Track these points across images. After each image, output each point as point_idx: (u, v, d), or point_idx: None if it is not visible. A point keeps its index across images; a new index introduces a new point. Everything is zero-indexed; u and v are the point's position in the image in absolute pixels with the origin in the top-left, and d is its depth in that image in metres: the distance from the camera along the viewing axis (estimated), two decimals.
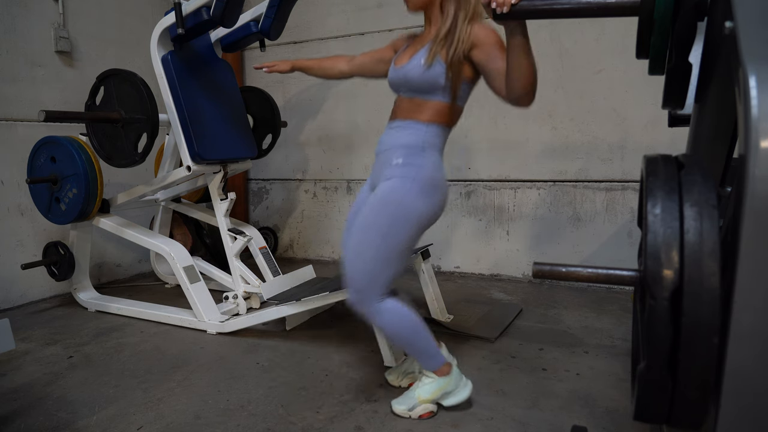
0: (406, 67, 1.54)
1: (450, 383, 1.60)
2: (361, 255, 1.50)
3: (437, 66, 1.47)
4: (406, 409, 1.59)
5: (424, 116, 1.54)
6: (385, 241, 1.47)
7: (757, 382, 0.75)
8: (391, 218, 1.48)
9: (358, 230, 1.52)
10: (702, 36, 1.14)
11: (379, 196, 1.52)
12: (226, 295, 2.49)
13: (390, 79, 1.65)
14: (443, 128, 1.57)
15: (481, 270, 3.34)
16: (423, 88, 1.52)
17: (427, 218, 1.53)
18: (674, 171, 0.84)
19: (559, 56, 2.99)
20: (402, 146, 1.54)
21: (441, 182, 1.55)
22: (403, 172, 1.51)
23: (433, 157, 1.55)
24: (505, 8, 1.26)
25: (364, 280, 1.49)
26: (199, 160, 2.41)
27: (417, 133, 1.54)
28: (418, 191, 1.49)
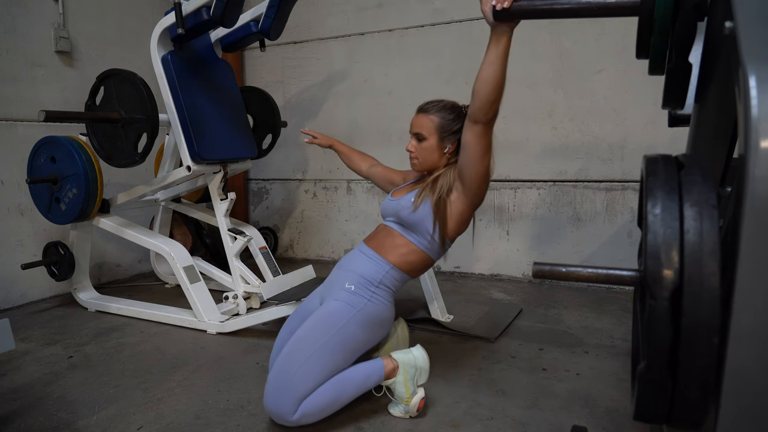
0: (400, 201, 1.69)
1: (408, 369, 1.60)
2: (288, 364, 1.48)
3: (424, 206, 1.62)
4: (402, 412, 1.60)
5: (393, 257, 1.65)
6: (315, 357, 1.48)
7: (757, 382, 0.75)
8: (328, 336, 1.51)
9: (294, 340, 1.53)
10: (702, 36, 1.14)
11: (321, 313, 1.57)
12: (226, 295, 2.49)
13: (383, 206, 1.78)
14: (405, 276, 1.68)
15: (481, 270, 3.34)
16: (409, 224, 1.65)
17: (362, 348, 1.59)
18: (674, 171, 0.84)
19: (559, 56, 2.99)
20: (359, 275, 1.62)
21: (384, 321, 1.63)
22: (352, 299, 1.58)
23: (385, 295, 1.63)
24: (506, 3, 1.26)
25: (283, 390, 1.44)
26: (199, 160, 2.41)
27: (378, 270, 1.63)
28: (359, 321, 1.55)
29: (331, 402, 1.50)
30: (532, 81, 3.02)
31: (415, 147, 1.69)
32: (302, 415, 1.45)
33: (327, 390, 1.49)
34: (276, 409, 1.45)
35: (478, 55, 1.46)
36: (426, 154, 1.67)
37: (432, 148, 1.66)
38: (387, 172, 2.01)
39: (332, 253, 3.85)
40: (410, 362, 1.61)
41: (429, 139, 1.66)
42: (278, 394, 1.45)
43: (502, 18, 1.30)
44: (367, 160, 2.08)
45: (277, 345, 1.71)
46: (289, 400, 1.44)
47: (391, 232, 1.69)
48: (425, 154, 1.67)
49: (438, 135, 1.65)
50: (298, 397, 1.45)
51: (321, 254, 3.90)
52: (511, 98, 3.11)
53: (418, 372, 1.61)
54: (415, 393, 1.59)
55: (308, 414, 1.46)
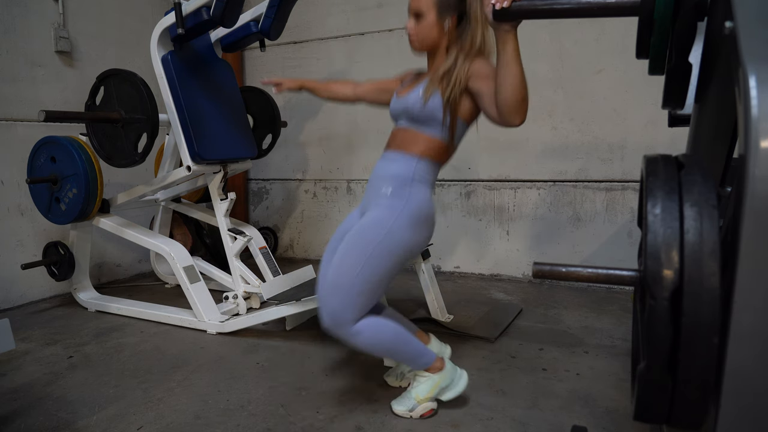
0: (407, 98, 1.60)
1: (445, 378, 1.60)
2: (340, 279, 1.48)
3: (434, 99, 1.53)
4: (406, 410, 1.59)
5: (416, 149, 1.58)
6: (367, 267, 1.47)
7: (757, 382, 0.75)
8: (375, 245, 1.49)
9: (341, 254, 1.51)
10: (702, 36, 1.14)
11: (366, 222, 1.54)
12: (226, 295, 2.49)
13: (391, 108, 1.70)
14: (434, 164, 1.62)
15: (481, 270, 3.34)
16: (421, 119, 1.56)
17: (411, 250, 1.56)
18: (674, 171, 0.84)
19: (559, 56, 2.99)
20: (392, 177, 1.57)
21: (428, 216, 1.58)
22: (392, 202, 1.54)
23: (423, 190, 1.58)
24: (505, 3, 1.26)
25: (341, 304, 1.47)
26: (199, 160, 2.41)
27: (408, 166, 1.57)
28: (404, 222, 1.52)
29: (384, 343, 1.52)
30: (532, 81, 2.98)
31: (413, 26, 1.58)
32: (359, 331, 1.47)
33: (388, 329, 1.53)
34: (337, 317, 1.47)
35: None
36: (425, 32, 1.57)
37: (431, 25, 1.56)
38: (377, 83, 1.90)
39: None
40: (452, 375, 1.62)
41: (427, 15, 1.55)
42: (337, 303, 1.46)
43: (502, 18, 1.30)
44: (347, 84, 1.96)
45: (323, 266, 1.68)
46: (349, 308, 1.46)
47: (405, 131, 1.62)
48: (424, 32, 1.58)
49: (436, 10, 1.54)
50: (357, 304, 1.47)
51: (321, 254, 3.86)
52: None
53: (450, 387, 1.61)
54: (431, 401, 1.60)
55: (364, 334, 1.48)
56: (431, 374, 1.59)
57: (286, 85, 2.00)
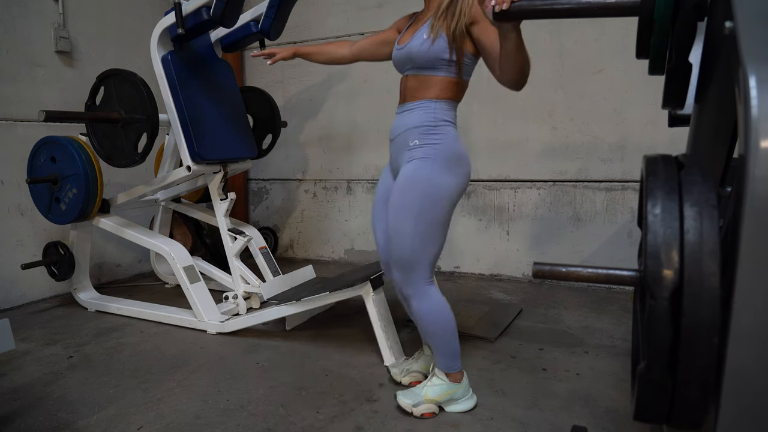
0: (410, 44, 1.55)
1: (459, 391, 1.61)
2: (400, 237, 1.52)
3: (440, 40, 1.48)
4: (411, 404, 1.59)
5: (431, 93, 1.55)
6: (421, 221, 1.50)
7: (757, 383, 0.75)
8: (421, 198, 1.50)
9: (393, 215, 1.54)
10: (702, 36, 1.14)
11: (404, 179, 1.54)
12: (226, 295, 2.49)
13: (394, 57, 1.65)
14: (452, 102, 1.58)
15: (481, 270, 3.34)
16: (427, 63, 1.52)
17: (455, 192, 1.54)
18: (674, 171, 0.84)
19: (559, 56, 2.99)
20: (416, 127, 1.55)
21: (461, 155, 1.56)
22: (423, 152, 1.53)
23: (449, 132, 1.55)
24: (504, 5, 1.26)
25: (409, 259, 1.52)
26: (199, 160, 2.41)
27: (428, 111, 1.54)
28: (441, 167, 1.51)
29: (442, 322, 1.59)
30: (532, 81, 2.99)
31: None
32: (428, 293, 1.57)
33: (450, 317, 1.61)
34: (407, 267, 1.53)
35: None
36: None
37: None
38: (375, 37, 1.83)
39: (332, 253, 3.85)
40: (465, 392, 1.64)
41: None
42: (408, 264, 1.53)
43: (502, 19, 1.30)
44: (344, 44, 1.91)
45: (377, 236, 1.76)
46: (423, 268, 1.53)
47: (416, 78, 1.57)
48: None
49: None
50: (429, 262, 1.54)
51: (321, 254, 3.90)
52: (511, 97, 3.11)
53: (458, 401, 1.63)
54: (437, 405, 1.60)
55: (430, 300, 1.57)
56: (449, 381, 1.61)
57: (280, 55, 1.96)
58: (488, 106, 3.14)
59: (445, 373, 1.62)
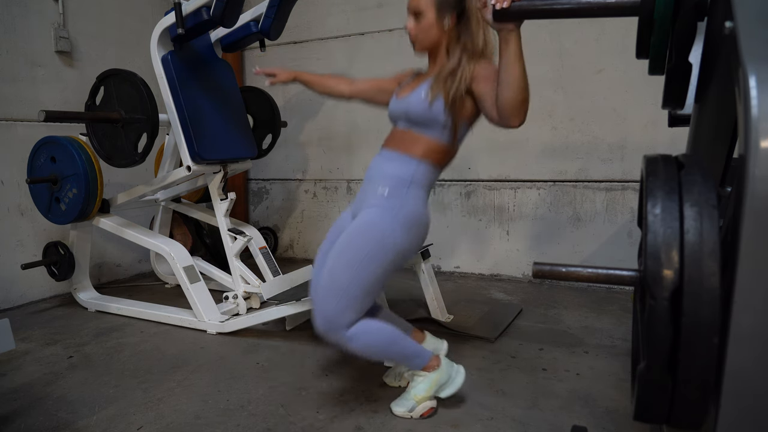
0: (408, 99, 1.57)
1: (442, 375, 1.60)
2: (334, 283, 1.47)
3: (437, 102, 1.50)
4: (406, 410, 1.59)
5: (416, 151, 1.55)
6: (361, 269, 1.46)
7: (757, 383, 0.75)
8: (369, 246, 1.47)
9: (335, 255, 1.50)
10: (702, 36, 1.14)
11: (360, 223, 1.52)
12: (226, 295, 2.49)
13: (391, 109, 1.67)
14: (434, 167, 1.58)
15: (481, 270, 3.34)
16: (422, 121, 1.54)
17: (404, 252, 1.54)
18: (674, 171, 0.84)
19: (559, 56, 2.99)
20: (389, 177, 1.55)
21: (423, 220, 1.57)
22: (388, 203, 1.52)
23: (419, 194, 1.56)
24: (505, 3, 1.26)
25: (335, 308, 1.45)
26: (199, 160, 2.41)
27: (407, 167, 1.55)
28: (399, 225, 1.50)
29: (380, 345, 1.52)
30: (532, 81, 2.98)
31: (413, 26, 1.58)
32: (354, 335, 1.47)
33: (383, 332, 1.52)
34: (331, 321, 1.46)
35: None
36: (425, 32, 1.55)
37: (431, 24, 1.55)
38: (375, 81, 1.85)
39: None
40: (449, 371, 1.62)
41: (426, 14, 1.53)
42: (331, 307, 1.45)
43: (502, 19, 1.30)
44: (344, 80, 1.91)
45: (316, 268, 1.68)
46: (343, 312, 1.45)
47: (406, 132, 1.59)
48: (425, 31, 1.56)
49: (435, 8, 1.52)
50: (352, 308, 1.46)
51: None
52: None
53: (447, 384, 1.61)
54: (431, 399, 1.60)
55: (358, 338, 1.47)
56: (428, 373, 1.59)
57: (280, 78, 1.95)
58: None
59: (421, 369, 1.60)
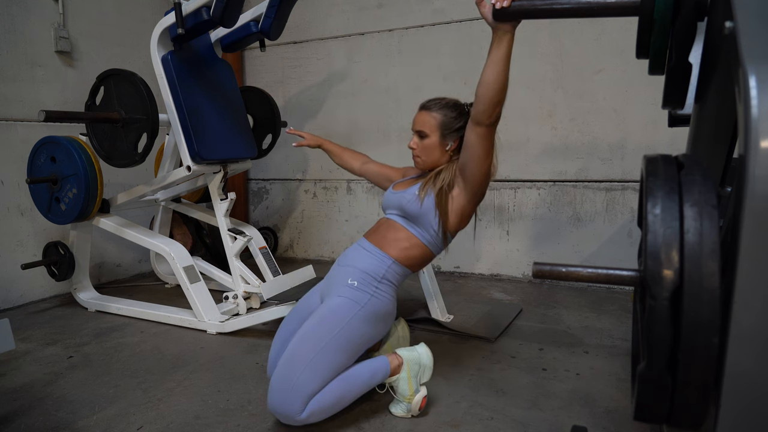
0: (404, 193, 1.70)
1: (411, 367, 1.60)
2: (293, 364, 1.46)
3: (428, 199, 1.63)
4: (404, 412, 1.60)
5: (395, 251, 1.65)
6: (321, 355, 1.47)
7: (757, 383, 0.75)
8: (332, 334, 1.50)
9: (298, 339, 1.51)
10: (702, 36, 1.14)
11: (325, 310, 1.56)
12: (226, 295, 2.49)
13: (385, 198, 1.80)
14: (405, 271, 1.69)
15: (481, 270, 3.34)
16: (413, 216, 1.65)
17: (366, 343, 1.59)
18: (674, 171, 0.84)
19: (559, 56, 2.99)
20: (361, 270, 1.62)
21: (387, 316, 1.64)
22: (355, 295, 1.57)
23: (388, 291, 1.63)
24: (505, 2, 1.26)
25: (291, 390, 1.43)
26: (199, 160, 2.41)
27: (381, 265, 1.63)
28: (363, 317, 1.55)
29: (338, 400, 1.50)
30: (532, 81, 3.02)
31: (417, 144, 1.70)
32: (310, 414, 1.44)
33: (334, 389, 1.49)
34: (283, 409, 1.44)
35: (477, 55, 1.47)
36: (428, 152, 1.69)
37: (434, 145, 1.68)
38: (382, 168, 2.01)
39: (332, 253, 3.85)
40: (414, 359, 1.61)
41: (431, 136, 1.67)
42: (285, 394, 1.44)
43: (501, 18, 1.30)
44: (358, 157, 2.09)
45: (276, 345, 1.70)
46: (296, 400, 1.43)
47: (393, 225, 1.69)
48: (427, 151, 1.69)
49: (440, 132, 1.66)
50: (305, 396, 1.44)
51: (321, 254, 3.90)
52: (511, 98, 3.09)
53: (421, 369, 1.61)
54: (418, 391, 1.59)
55: (315, 413, 1.45)
56: (399, 374, 1.60)
57: (307, 143, 2.12)
58: None
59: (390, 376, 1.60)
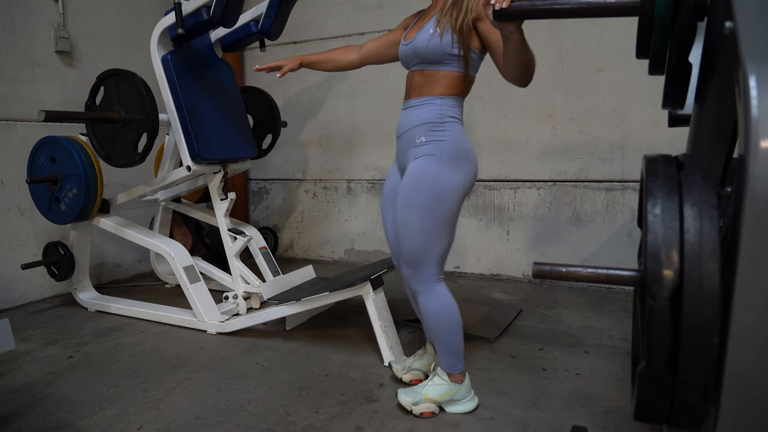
0: (416, 39, 1.56)
1: (460, 391, 1.61)
2: (408, 233, 1.53)
3: (446, 35, 1.50)
4: (411, 402, 1.59)
5: (436, 89, 1.56)
6: (429, 217, 1.50)
7: (757, 383, 0.75)
8: (427, 195, 1.50)
9: (400, 212, 1.55)
10: (702, 36, 1.14)
11: (410, 176, 1.55)
12: (226, 295, 2.49)
13: (401, 53, 1.66)
14: (457, 99, 1.59)
15: (481, 270, 3.34)
16: (434, 58, 1.53)
17: (462, 188, 1.54)
18: (674, 171, 0.84)
19: (559, 56, 2.99)
20: (422, 124, 1.56)
21: (468, 152, 1.56)
22: (429, 149, 1.54)
23: (455, 128, 1.56)
24: (504, 3, 1.26)
25: (417, 255, 1.53)
26: (199, 160, 2.41)
27: (434, 108, 1.56)
28: (446, 164, 1.52)
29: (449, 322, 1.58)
30: (533, 81, 3.02)
31: None
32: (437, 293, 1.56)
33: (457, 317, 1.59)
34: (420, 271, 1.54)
35: None
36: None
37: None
38: (383, 38, 1.85)
39: (332, 253, 3.85)
40: (466, 393, 1.64)
41: None
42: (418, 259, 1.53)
43: (502, 18, 1.30)
44: (350, 49, 1.91)
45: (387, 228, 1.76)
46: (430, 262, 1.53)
47: (419, 74, 1.59)
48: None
49: None
50: (436, 256, 1.53)
51: (321, 254, 3.90)
52: (511, 98, 3.11)
53: (458, 403, 1.63)
54: (438, 404, 1.60)
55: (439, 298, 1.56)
56: (450, 381, 1.60)
57: (287, 67, 1.95)
58: (489, 106, 3.13)
59: (447, 373, 1.61)
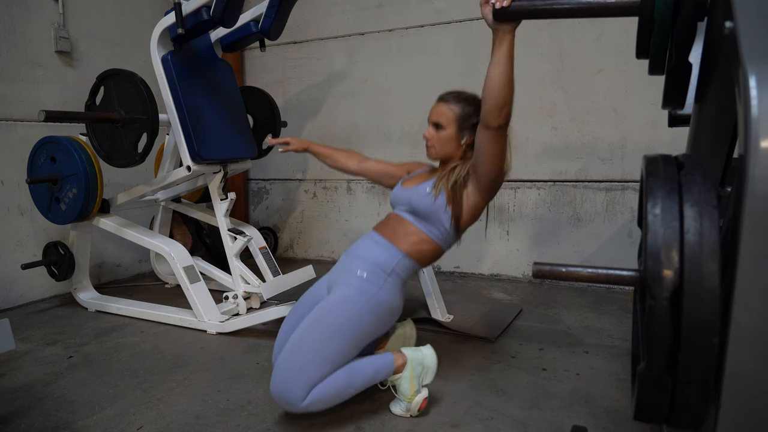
0: (414, 190, 1.67)
1: (415, 368, 1.60)
2: (299, 350, 1.47)
3: (441, 197, 1.61)
4: (403, 411, 1.60)
5: (405, 246, 1.64)
6: (327, 344, 1.48)
7: (757, 383, 0.75)
8: (338, 323, 1.50)
9: (304, 327, 1.52)
10: (702, 36, 1.14)
11: (333, 299, 1.56)
12: (226, 295, 2.49)
13: (394, 195, 1.76)
14: (415, 265, 1.67)
15: (481, 270, 3.34)
16: (424, 214, 1.63)
17: (371, 335, 1.59)
18: (674, 171, 0.84)
19: (559, 56, 2.99)
20: (371, 262, 1.62)
21: (394, 309, 1.64)
22: (364, 286, 1.57)
23: (396, 283, 1.63)
24: (504, 2, 1.26)
25: (294, 376, 1.44)
26: (199, 160, 2.41)
27: (391, 258, 1.63)
28: (371, 308, 1.55)
29: (341, 391, 1.50)
30: (532, 81, 3.02)
31: (432, 135, 1.68)
32: (311, 402, 1.45)
33: (338, 379, 1.49)
34: (286, 394, 1.44)
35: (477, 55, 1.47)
36: (443, 144, 1.67)
37: (449, 138, 1.66)
38: (383, 165, 1.97)
39: (332, 253, 3.85)
40: (418, 360, 1.61)
41: (447, 128, 1.65)
42: (288, 381, 1.44)
43: (501, 18, 1.30)
44: (353, 156, 2.02)
45: (283, 332, 1.71)
46: (299, 387, 1.43)
47: (402, 221, 1.68)
48: (442, 143, 1.67)
49: (456, 126, 1.64)
50: (308, 383, 1.44)
51: (321, 254, 3.90)
52: None
53: (424, 371, 1.62)
54: (419, 392, 1.59)
55: (317, 401, 1.46)
56: (401, 373, 1.60)
57: (292, 147, 2.04)
58: None
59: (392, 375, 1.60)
